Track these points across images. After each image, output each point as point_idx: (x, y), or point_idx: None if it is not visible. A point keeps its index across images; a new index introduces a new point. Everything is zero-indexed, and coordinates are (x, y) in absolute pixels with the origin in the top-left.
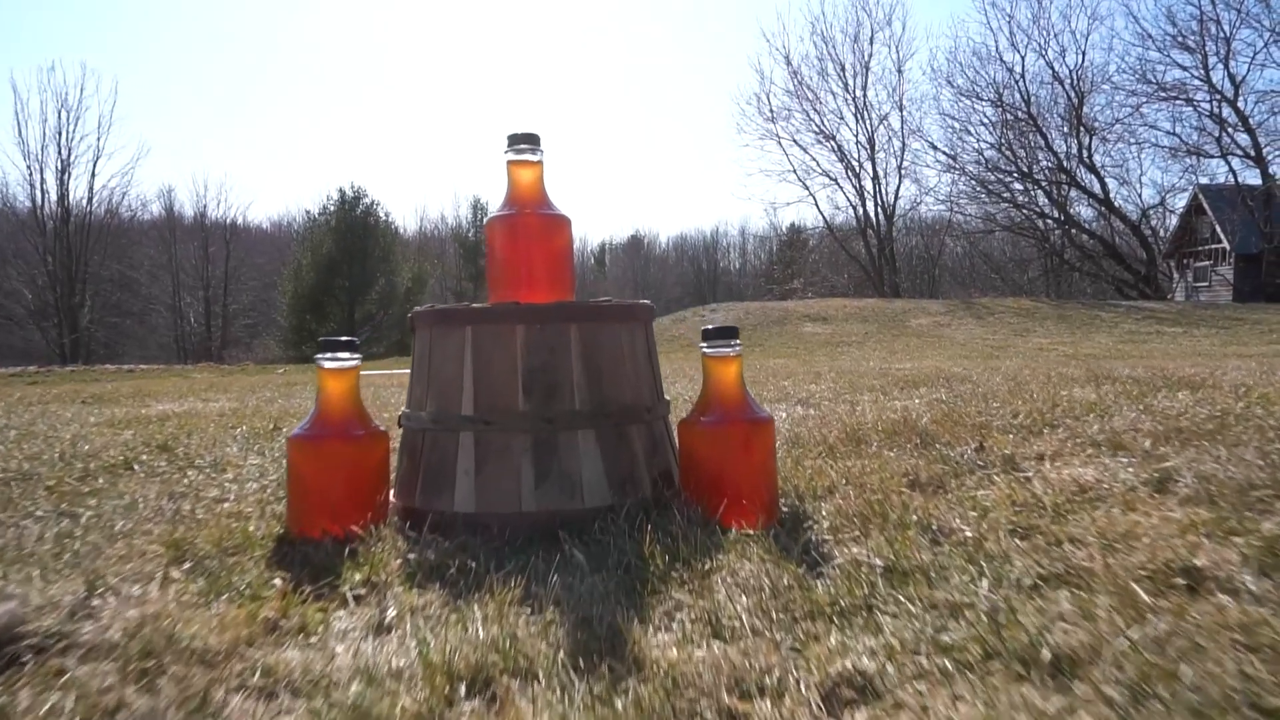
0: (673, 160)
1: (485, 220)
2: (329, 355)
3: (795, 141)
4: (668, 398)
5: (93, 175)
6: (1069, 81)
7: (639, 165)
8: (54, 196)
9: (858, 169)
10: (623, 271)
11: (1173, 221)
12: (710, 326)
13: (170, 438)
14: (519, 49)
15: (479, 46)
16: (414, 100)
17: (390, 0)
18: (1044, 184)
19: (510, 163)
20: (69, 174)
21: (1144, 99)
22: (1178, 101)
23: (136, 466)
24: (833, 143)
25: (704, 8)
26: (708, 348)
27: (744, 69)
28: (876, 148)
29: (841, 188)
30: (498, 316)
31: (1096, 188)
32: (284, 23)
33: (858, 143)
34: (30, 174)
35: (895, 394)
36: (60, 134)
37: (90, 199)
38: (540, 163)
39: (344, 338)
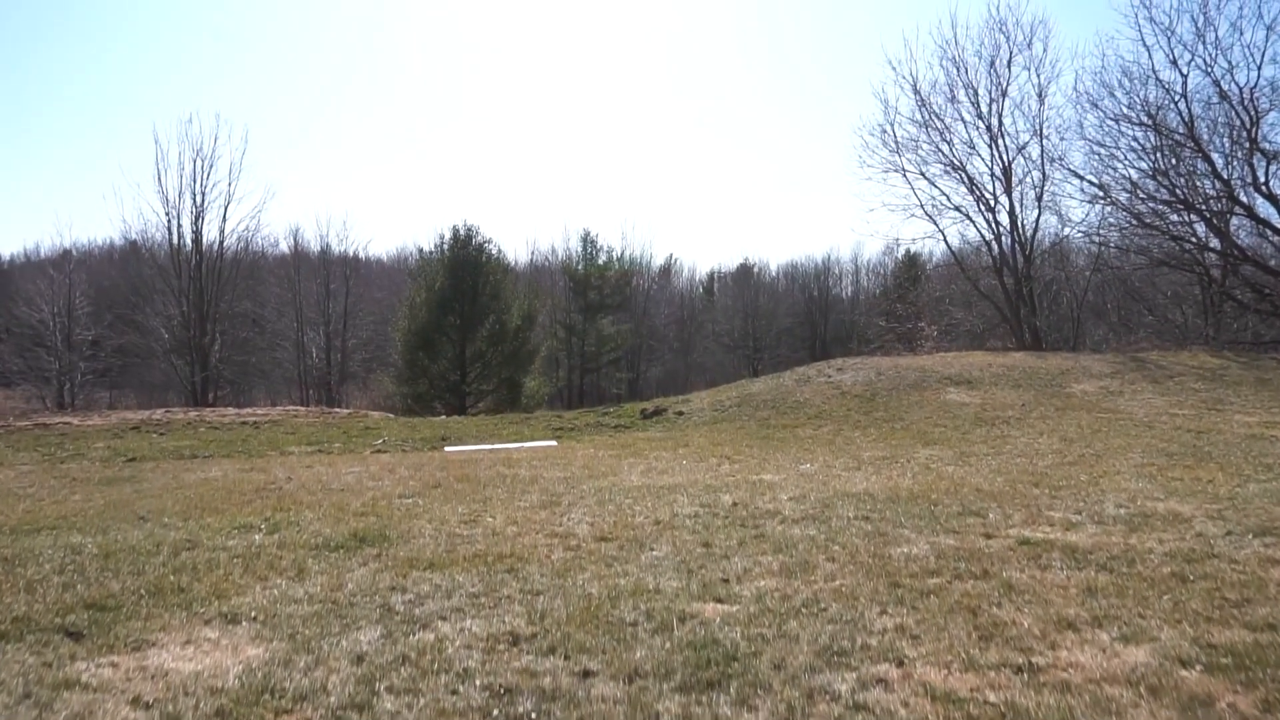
0: (783, 187)
1: None
2: None
3: (922, 174)
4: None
5: (223, 220)
6: (1239, 100)
7: (749, 192)
8: (189, 241)
9: (991, 202)
10: (732, 301)
11: None
12: None
13: None
14: (628, 77)
15: (591, 74)
16: (525, 131)
17: (497, 38)
18: (1207, 213)
19: None
20: (203, 219)
21: None
22: None
23: None
24: (962, 174)
25: (817, 36)
26: None
27: (863, 97)
28: (1014, 180)
29: (973, 222)
30: None
31: (1276, 218)
32: (399, 62)
33: (991, 175)
34: (168, 220)
35: None
36: (195, 181)
37: (221, 242)
38: None
39: None
